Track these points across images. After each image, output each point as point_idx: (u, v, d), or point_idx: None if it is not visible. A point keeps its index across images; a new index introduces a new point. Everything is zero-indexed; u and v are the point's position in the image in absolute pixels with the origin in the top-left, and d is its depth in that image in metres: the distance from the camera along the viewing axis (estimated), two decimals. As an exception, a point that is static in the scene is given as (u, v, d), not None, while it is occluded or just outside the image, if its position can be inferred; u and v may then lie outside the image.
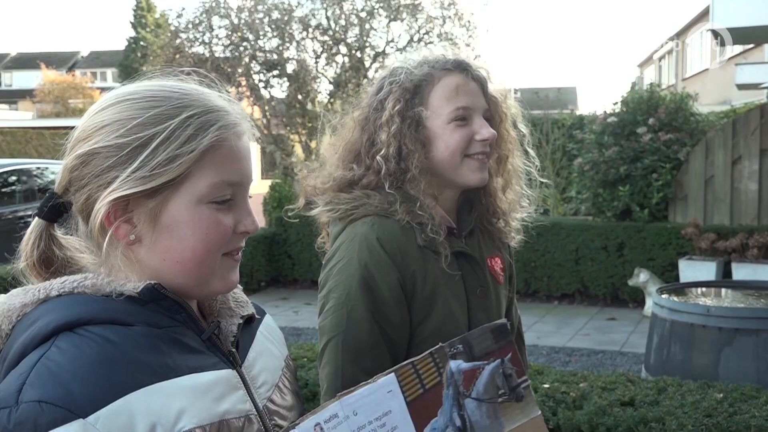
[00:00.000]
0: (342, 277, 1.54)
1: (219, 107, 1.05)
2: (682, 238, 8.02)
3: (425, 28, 15.80)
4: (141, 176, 0.98)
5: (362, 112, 1.67)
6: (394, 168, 1.59)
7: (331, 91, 15.58)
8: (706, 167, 8.39)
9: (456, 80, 1.60)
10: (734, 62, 17.72)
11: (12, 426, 0.85)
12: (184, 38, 15.53)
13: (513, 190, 1.75)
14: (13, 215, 9.97)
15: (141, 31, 42.90)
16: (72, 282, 1.00)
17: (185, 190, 1.00)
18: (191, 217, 1.01)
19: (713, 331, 3.93)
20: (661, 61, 33.67)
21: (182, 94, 1.04)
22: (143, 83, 1.07)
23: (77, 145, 1.02)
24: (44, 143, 24.08)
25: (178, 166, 0.99)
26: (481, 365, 1.15)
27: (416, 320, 1.56)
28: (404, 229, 1.56)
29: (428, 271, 1.56)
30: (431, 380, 1.10)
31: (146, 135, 0.99)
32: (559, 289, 8.68)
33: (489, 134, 1.58)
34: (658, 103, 8.72)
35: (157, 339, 0.98)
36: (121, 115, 1.00)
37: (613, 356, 6.53)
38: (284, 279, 9.77)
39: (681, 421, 2.43)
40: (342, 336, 1.51)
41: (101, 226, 0.99)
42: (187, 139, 1.00)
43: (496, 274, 1.72)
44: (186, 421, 0.94)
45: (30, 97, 44.87)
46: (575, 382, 2.88)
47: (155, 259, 1.02)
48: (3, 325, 0.99)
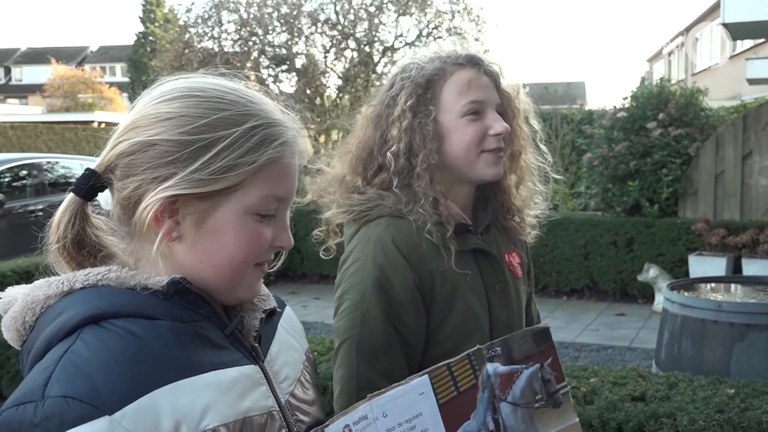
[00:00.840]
0: (357, 278, 1.52)
1: (281, 121, 1.05)
2: (692, 234, 7.99)
3: (434, 23, 15.78)
4: (199, 178, 0.97)
5: (375, 110, 1.65)
6: (403, 164, 1.58)
7: (340, 85, 15.59)
8: (717, 162, 8.35)
9: (468, 74, 1.58)
10: (745, 57, 17.63)
11: (38, 420, 0.85)
12: (193, 33, 15.57)
13: (526, 186, 1.73)
14: (23, 209, 10.01)
15: (150, 26, 42.93)
16: (96, 274, 0.99)
17: (236, 198, 1.00)
18: (236, 226, 1.01)
19: (725, 326, 3.91)
20: (670, 56, 33.51)
21: (248, 101, 1.03)
22: (209, 80, 1.05)
23: (134, 131, 1.00)
24: (54, 138, 24.19)
25: (236, 175, 0.98)
26: (519, 369, 1.13)
27: (437, 319, 1.54)
28: (419, 229, 1.54)
29: (447, 270, 1.54)
30: (466, 383, 1.08)
31: (211, 137, 0.98)
32: (568, 285, 8.66)
33: (502, 128, 1.57)
34: (668, 98, 8.68)
35: (182, 334, 0.97)
36: (189, 111, 0.99)
37: (623, 352, 6.52)
38: (293, 273, 9.79)
39: (692, 417, 2.42)
40: (356, 338, 1.49)
41: (149, 220, 0.98)
42: (249, 150, 0.99)
43: (514, 270, 1.70)
44: (210, 419, 0.93)
45: (40, 91, 45.01)
46: (586, 377, 2.87)
47: (192, 260, 1.01)
48: (27, 317, 0.99)
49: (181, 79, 1.05)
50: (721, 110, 9.83)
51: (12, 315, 1.00)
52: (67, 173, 11.17)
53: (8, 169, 10.40)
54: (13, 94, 51.27)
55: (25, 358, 0.97)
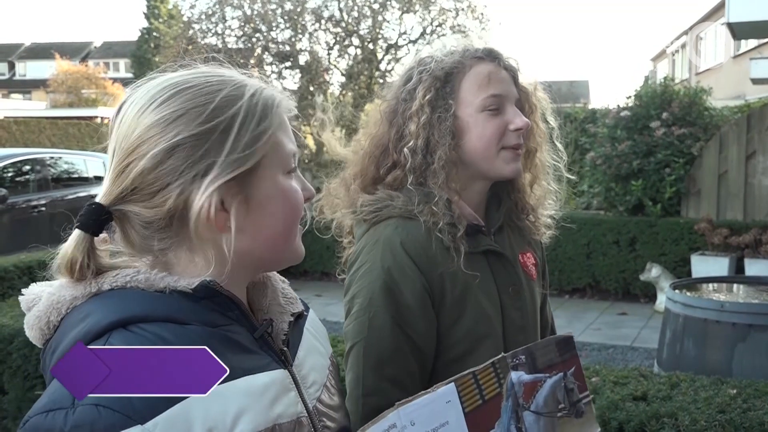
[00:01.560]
0: (365, 282, 1.48)
1: (264, 85, 1.05)
2: (695, 234, 7.98)
3: (438, 20, 15.76)
4: (236, 158, 0.96)
5: (389, 105, 1.60)
6: (419, 161, 1.53)
7: (343, 83, 15.58)
8: (720, 162, 8.34)
9: (488, 68, 1.53)
10: (749, 57, 17.59)
11: (69, 428, 0.82)
12: (197, 29, 15.58)
13: (540, 185, 1.69)
14: (26, 204, 10.03)
15: (154, 22, 42.91)
16: (124, 276, 0.96)
17: (267, 166, 1.00)
18: (278, 192, 1.01)
19: (727, 326, 3.91)
20: (674, 55, 33.45)
21: (229, 77, 1.03)
22: (182, 73, 1.03)
23: (143, 145, 0.95)
24: (57, 133, 24.20)
25: (263, 144, 0.99)
26: (543, 378, 1.12)
27: (448, 322, 1.50)
28: (429, 230, 1.49)
29: (457, 272, 1.49)
30: (491, 391, 1.07)
31: (227, 117, 0.97)
32: (570, 284, 8.66)
33: (523, 123, 1.52)
34: (671, 98, 8.67)
35: (212, 339, 0.94)
36: (193, 102, 0.97)
37: (624, 351, 6.51)
38: (294, 270, 9.78)
39: (694, 417, 2.41)
40: (364, 343, 1.46)
41: (211, 218, 0.95)
42: (261, 116, 1.00)
43: (528, 271, 1.65)
44: (242, 426, 0.91)
45: (44, 87, 45.02)
46: (587, 377, 2.85)
47: (246, 242, 0.99)
48: (51, 316, 0.96)
49: (155, 81, 1.01)
50: (724, 110, 9.81)
51: (36, 314, 0.97)
52: (71, 169, 11.18)
53: (11, 164, 10.41)
54: (17, 89, 51.30)
55: (49, 358, 0.94)
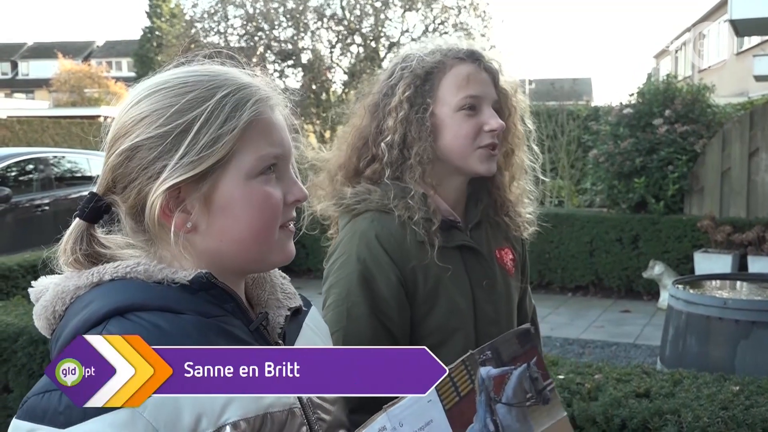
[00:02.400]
0: (342, 273, 1.54)
1: (249, 83, 1.06)
2: (698, 231, 7.97)
3: (440, 18, 15.76)
4: (189, 161, 0.98)
5: (373, 99, 1.65)
6: (396, 156, 1.58)
7: (346, 81, 15.58)
8: (723, 159, 8.33)
9: (468, 69, 1.58)
10: (752, 54, 17.56)
11: (62, 408, 0.86)
12: (199, 28, 15.60)
13: (519, 184, 1.73)
14: (30, 203, 10.04)
15: (156, 21, 42.94)
16: (125, 267, 1.01)
17: (233, 168, 1.01)
18: (243, 194, 1.02)
19: (730, 323, 3.91)
20: (677, 52, 33.39)
21: (212, 76, 1.05)
22: (171, 72, 1.07)
23: (117, 142, 1.02)
24: (60, 132, 24.24)
25: (223, 145, 1.00)
26: (509, 370, 1.17)
27: (419, 315, 1.55)
28: (402, 225, 1.54)
29: (429, 265, 1.54)
30: (465, 387, 1.11)
31: (186, 120, 0.99)
32: (573, 281, 8.66)
33: (497, 125, 1.57)
34: (674, 95, 8.65)
35: (207, 329, 0.98)
36: (158, 105, 1.01)
37: (627, 348, 6.51)
38: (298, 269, 9.80)
39: (697, 414, 2.42)
40: (343, 332, 1.51)
41: (158, 218, 0.99)
42: (226, 118, 1.01)
43: (505, 265, 1.70)
44: (231, 413, 0.94)
45: (46, 86, 45.09)
46: (590, 374, 2.87)
47: (213, 243, 1.02)
48: (57, 306, 1.01)
49: (148, 79, 1.07)
50: (727, 107, 9.79)
51: (43, 304, 1.02)
52: (74, 168, 11.19)
53: (15, 164, 10.42)
54: (20, 89, 51.39)
55: (54, 346, 0.99)
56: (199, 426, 0.91)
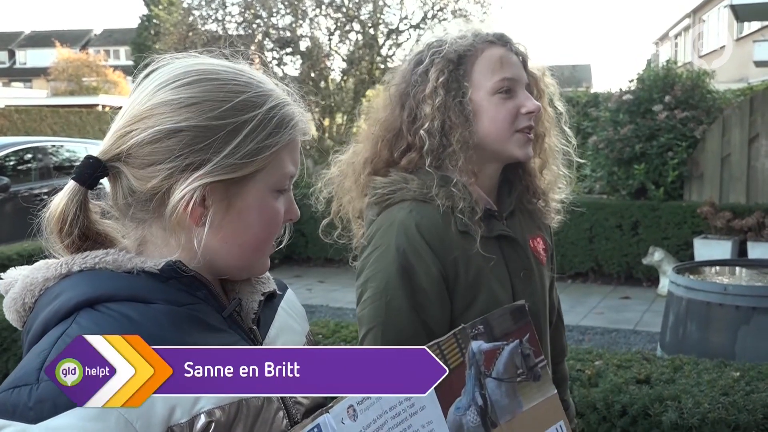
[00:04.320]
0: (380, 265, 1.47)
1: (289, 101, 1.07)
2: (698, 217, 7.97)
3: (439, 5, 15.67)
4: (231, 163, 0.98)
5: (399, 88, 1.60)
6: (437, 144, 1.53)
7: (344, 68, 15.52)
8: (723, 145, 8.31)
9: (499, 52, 1.55)
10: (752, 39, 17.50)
11: (32, 403, 0.85)
12: (197, 15, 15.51)
13: (550, 170, 1.70)
14: (29, 193, 10.03)
15: (153, 9, 42.58)
16: (94, 257, 1.00)
17: (260, 179, 1.02)
18: (260, 205, 1.03)
19: (730, 309, 3.91)
20: (677, 38, 33.28)
21: (258, 82, 1.05)
22: (216, 61, 1.06)
23: (150, 118, 0.98)
24: (59, 121, 24.17)
25: (263, 158, 1.01)
26: (501, 345, 1.18)
27: (461, 306, 1.50)
28: (444, 214, 1.49)
29: (471, 256, 1.50)
30: (455, 360, 1.11)
31: (238, 121, 0.99)
32: (572, 268, 8.66)
33: (534, 106, 1.54)
34: (674, 81, 8.63)
35: (178, 317, 0.97)
36: (212, 95, 0.99)
37: (627, 335, 6.52)
38: (298, 257, 9.81)
39: (697, 399, 2.42)
40: (381, 327, 1.45)
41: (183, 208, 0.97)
42: (272, 131, 1.01)
43: (538, 255, 1.66)
44: (205, 401, 0.93)
45: (44, 75, 44.94)
46: (590, 360, 2.87)
47: (215, 242, 1.02)
48: (26, 298, 1.00)
49: (187, 61, 1.04)
50: (727, 93, 9.77)
51: (12, 296, 1.01)
52: (72, 157, 11.18)
53: (13, 153, 10.42)
54: (18, 78, 51.20)
55: (25, 338, 0.99)
56: (173, 416, 0.91)
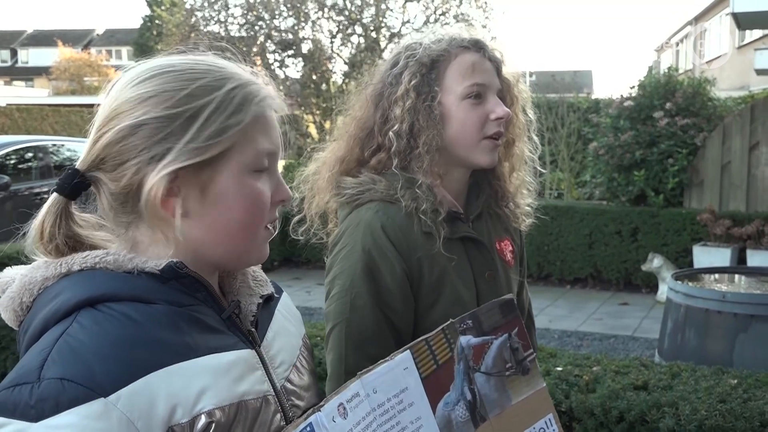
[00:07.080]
0: (346, 263, 1.52)
1: (254, 80, 1.07)
2: (697, 224, 7.97)
3: (441, 9, 15.71)
4: (195, 147, 0.98)
5: (375, 89, 1.63)
6: (404, 145, 1.57)
7: (346, 71, 15.54)
8: (723, 153, 8.32)
9: (472, 58, 1.57)
10: (753, 47, 17.52)
11: (34, 402, 0.85)
12: (199, 17, 15.55)
13: (518, 175, 1.73)
14: (29, 191, 10.04)
15: (156, 10, 42.71)
16: (94, 257, 0.99)
17: (232, 161, 1.01)
18: (237, 188, 1.02)
19: (728, 317, 3.91)
20: (678, 45, 33.31)
21: (220, 68, 1.05)
22: (175, 57, 1.07)
23: (116, 119, 0.99)
24: (60, 120, 24.16)
25: (229, 137, 1.00)
26: (489, 340, 1.18)
27: (424, 306, 1.55)
28: (409, 215, 1.54)
29: (434, 256, 1.54)
30: (443, 356, 1.12)
31: (196, 106, 0.99)
32: (571, 274, 8.66)
33: (503, 112, 1.56)
34: (675, 88, 8.64)
35: (178, 318, 0.97)
36: (167, 86, 1.00)
37: (625, 341, 6.52)
38: (297, 259, 9.81)
39: (694, 406, 2.42)
40: (345, 323, 1.50)
41: (159, 201, 0.98)
42: (234, 110, 1.01)
43: (505, 257, 1.70)
44: (206, 402, 0.94)
45: (46, 74, 44.99)
46: (588, 366, 2.87)
47: (201, 232, 1.02)
48: (24, 297, 0.99)
49: (149, 60, 1.06)
50: (728, 100, 9.78)
51: (10, 295, 1.00)
52: (73, 156, 11.17)
53: (14, 152, 10.42)
54: (20, 77, 51.24)
55: (22, 338, 0.98)
56: (174, 416, 0.91)
